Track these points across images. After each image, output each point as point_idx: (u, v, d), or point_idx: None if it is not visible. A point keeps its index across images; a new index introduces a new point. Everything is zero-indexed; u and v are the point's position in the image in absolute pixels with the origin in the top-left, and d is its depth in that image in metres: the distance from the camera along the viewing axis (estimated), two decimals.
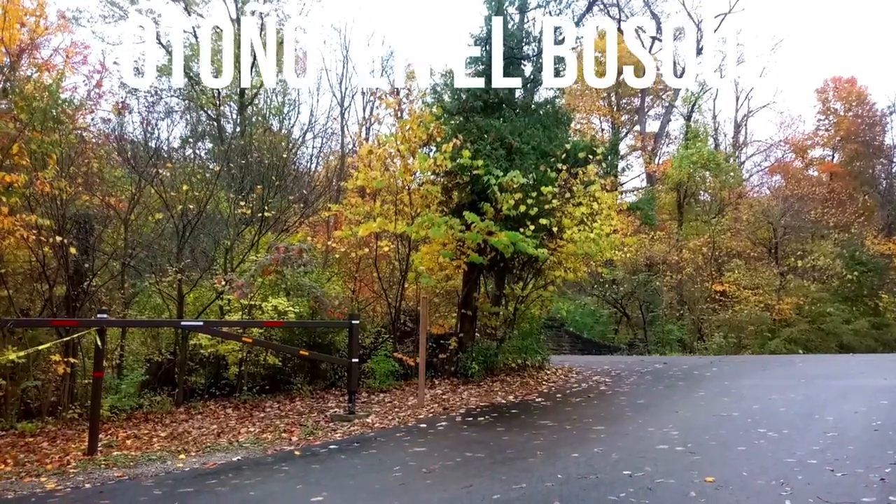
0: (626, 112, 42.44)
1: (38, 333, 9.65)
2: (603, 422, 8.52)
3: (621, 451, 6.66)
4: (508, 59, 13.58)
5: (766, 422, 7.88)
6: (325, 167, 28.40)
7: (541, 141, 12.79)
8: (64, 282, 10.19)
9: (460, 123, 12.93)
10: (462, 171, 11.95)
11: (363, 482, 6.05)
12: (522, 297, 13.83)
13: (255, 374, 11.72)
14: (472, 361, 12.38)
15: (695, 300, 26.17)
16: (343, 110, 30.74)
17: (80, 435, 8.45)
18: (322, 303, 12.04)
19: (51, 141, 9.59)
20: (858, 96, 38.87)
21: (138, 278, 11.81)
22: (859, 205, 32.91)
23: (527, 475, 5.85)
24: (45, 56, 11.92)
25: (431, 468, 6.34)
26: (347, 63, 32.59)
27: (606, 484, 5.43)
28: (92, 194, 10.80)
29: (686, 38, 39.32)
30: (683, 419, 8.53)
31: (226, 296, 11.45)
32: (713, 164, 29.35)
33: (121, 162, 12.27)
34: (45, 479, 6.45)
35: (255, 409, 10.56)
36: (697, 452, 6.49)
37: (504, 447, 7.16)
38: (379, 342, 13.08)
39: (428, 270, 12.75)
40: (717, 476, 5.50)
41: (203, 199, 11.92)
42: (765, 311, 24.05)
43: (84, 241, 10.42)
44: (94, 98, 11.46)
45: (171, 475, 6.59)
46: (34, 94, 9.59)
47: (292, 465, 6.81)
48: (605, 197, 13.02)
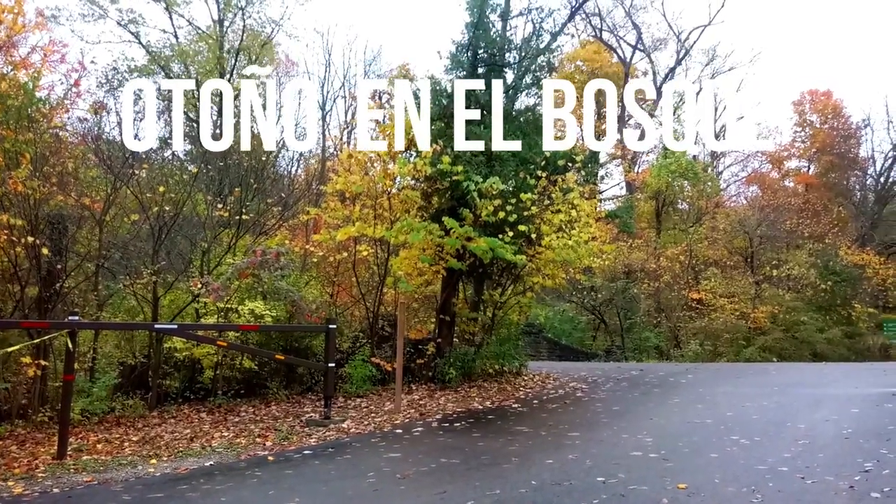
0: (605, 121, 42.77)
1: (9, 335, 9.49)
2: (578, 428, 8.55)
3: (595, 458, 6.69)
4: (489, 66, 13.65)
5: (739, 429, 7.96)
6: (306, 170, 28.31)
7: (521, 148, 12.84)
8: (36, 283, 10.04)
9: (441, 129, 12.94)
10: (442, 176, 11.96)
11: (336, 488, 6.01)
12: (501, 303, 13.86)
13: (231, 378, 11.61)
14: (450, 367, 12.37)
15: (672, 308, 26.39)
16: (324, 114, 30.72)
17: (50, 439, 8.31)
18: (299, 307, 11.96)
19: (25, 140, 9.47)
20: (834, 109, 39.52)
21: (112, 280, 11.66)
22: (834, 215, 33.41)
23: (501, 481, 5.85)
24: (22, 54, 11.78)
25: (406, 474, 6.32)
26: (330, 67, 32.42)
27: (580, 490, 5.45)
28: (66, 194, 10.64)
29: (667, 48, 39.85)
30: (658, 426, 8.58)
31: (202, 299, 11.33)
32: (691, 173, 29.67)
33: (97, 162, 12.11)
34: (13, 484, 6.33)
35: (230, 414, 10.46)
36: (671, 459, 6.54)
37: (479, 453, 7.15)
38: (356, 347, 13.02)
39: (407, 275, 12.72)
40: (689, 483, 5.54)
41: (180, 200, 11.81)
42: (740, 320, 24.32)
43: (57, 242, 10.27)
44: (72, 97, 11.34)
45: (141, 480, 6.50)
46: (9, 92, 9.45)
47: (265, 471, 6.75)
48: (584, 204, 13.11)
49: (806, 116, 40.47)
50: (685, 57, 38.11)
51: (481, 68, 13.70)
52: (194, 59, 26.00)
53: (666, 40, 39.30)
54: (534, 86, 14.77)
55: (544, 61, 14.57)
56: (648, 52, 39.10)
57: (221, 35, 26.29)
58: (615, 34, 39.45)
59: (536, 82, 14.73)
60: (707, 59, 38.67)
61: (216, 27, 26.56)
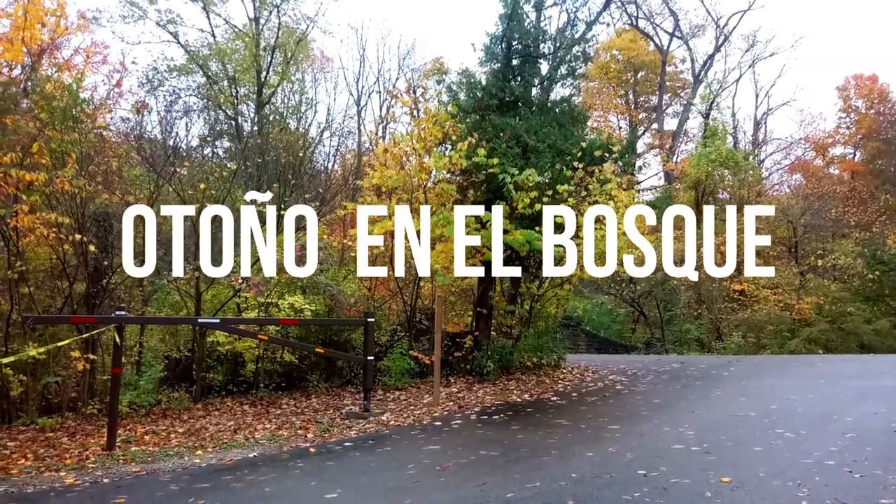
0: (643, 110, 42.20)
1: (59, 330, 9.78)
2: (618, 421, 8.48)
3: (636, 451, 6.63)
4: (524, 57, 13.56)
5: (784, 422, 7.81)
6: (342, 165, 28.54)
7: (556, 139, 12.74)
8: (84, 279, 10.31)
9: (476, 122, 12.92)
10: (477, 169, 11.94)
11: (377, 480, 6.07)
12: (538, 296, 13.79)
13: (272, 371, 11.80)
14: (488, 360, 12.38)
15: (713, 299, 25.96)
16: (360, 109, 30.92)
17: (99, 430, 8.55)
18: (338, 301, 12.09)
19: (70, 140, 9.70)
20: (880, 94, 38.36)
21: (157, 276, 11.92)
22: (881, 203, 32.48)
23: (541, 474, 5.84)
24: (65, 56, 12.10)
25: (445, 466, 6.35)
26: (364, 62, 32.53)
27: (621, 483, 5.41)
28: (111, 192, 10.91)
29: (705, 35, 39.06)
30: (700, 419, 8.46)
31: (243, 293, 11.53)
32: (732, 162, 29.08)
33: (139, 160, 12.40)
34: (65, 474, 6.54)
35: (272, 406, 10.63)
36: (713, 452, 6.44)
37: (518, 445, 7.15)
38: (395, 340, 13.11)
39: (443, 269, 12.75)
40: (733, 476, 5.46)
41: (220, 197, 12.02)
42: (784, 311, 23.83)
43: (103, 239, 10.53)
44: (114, 97, 11.61)
45: (187, 471, 6.65)
46: (54, 94, 9.71)
47: (307, 462, 6.85)
48: (622, 195, 12.95)
49: (851, 102, 39.36)
50: (724, 43, 37.31)
51: (515, 60, 13.62)
52: (231, 57, 26.36)
53: (704, 27, 38.56)
54: (569, 76, 14.65)
55: (579, 51, 14.42)
56: (686, 39, 38.40)
57: (257, 33, 26.60)
58: (652, 21, 38.85)
59: (572, 73, 14.61)
60: (747, 44, 37.81)
61: (252, 25, 26.88)
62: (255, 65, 26.04)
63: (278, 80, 27.15)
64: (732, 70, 37.97)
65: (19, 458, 7.32)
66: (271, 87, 26.98)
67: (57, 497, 5.72)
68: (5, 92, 8.96)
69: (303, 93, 29.64)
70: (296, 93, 29.33)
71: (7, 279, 9.30)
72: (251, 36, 26.30)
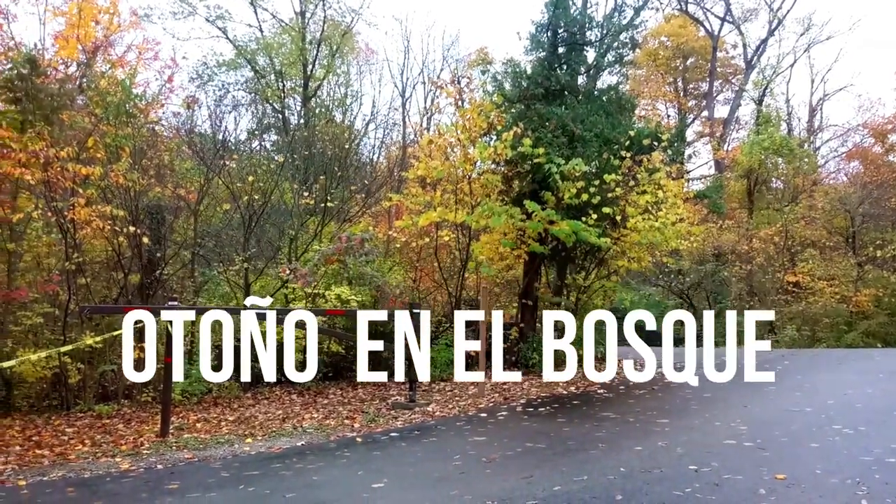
0: (693, 97, 41.21)
1: (115, 320, 10.06)
2: (667, 415, 8.33)
3: (686, 445, 6.49)
4: (570, 45, 13.37)
5: (842, 418, 7.55)
6: (387, 157, 28.67)
7: (604, 128, 12.53)
8: (138, 270, 10.59)
9: (521, 111, 12.80)
10: (523, 159, 11.83)
11: (423, 470, 6.08)
12: (585, 288, 13.64)
13: (319, 361, 11.91)
14: (533, 351, 12.29)
15: (766, 291, 25.28)
16: (404, 101, 30.97)
17: (153, 417, 8.79)
18: (383, 292, 12.16)
19: (124, 134, 9.96)
20: None
21: (207, 267, 12.18)
22: None
23: (588, 467, 5.76)
24: (118, 53, 12.40)
25: (491, 458, 6.32)
26: (409, 54, 32.60)
27: (671, 478, 5.30)
28: (163, 186, 11.17)
29: (757, 19, 37.92)
30: (752, 414, 8.25)
31: (290, 284, 11.68)
32: (786, 149, 28.18)
33: (190, 154, 12.65)
34: (120, 460, 6.73)
35: (319, 396, 10.76)
36: (767, 448, 6.26)
37: (565, 438, 7.07)
38: (440, 331, 13.13)
39: (488, 260, 12.70)
40: (788, 473, 5.29)
41: (268, 189, 12.20)
42: (841, 303, 23.06)
43: (156, 231, 10.80)
44: (165, 93, 11.86)
45: (238, 458, 6.77)
46: (108, 90, 9.97)
47: (354, 452, 6.91)
48: (671, 185, 12.68)
49: None
50: (778, 27, 36.08)
51: (561, 48, 13.45)
52: (278, 51, 26.67)
53: (757, 10, 37.35)
54: (616, 64, 14.39)
55: (627, 38, 14.15)
56: (738, 23, 37.26)
57: (303, 26, 26.84)
58: (702, 6, 37.80)
59: (619, 60, 14.35)
60: (802, 28, 36.45)
61: (298, 19, 27.13)
62: (301, 58, 26.29)
63: (324, 73, 27.36)
64: (787, 55, 36.75)
65: (77, 443, 7.57)
66: (317, 81, 27.21)
67: (113, 482, 5.88)
68: (62, 89, 9.23)
69: (348, 85, 29.85)
70: (341, 85, 29.55)
71: (65, 270, 9.60)
72: (297, 30, 26.55)
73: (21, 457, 6.94)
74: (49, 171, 9.05)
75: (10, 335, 9.04)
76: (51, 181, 9.23)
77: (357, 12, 27.67)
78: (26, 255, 9.88)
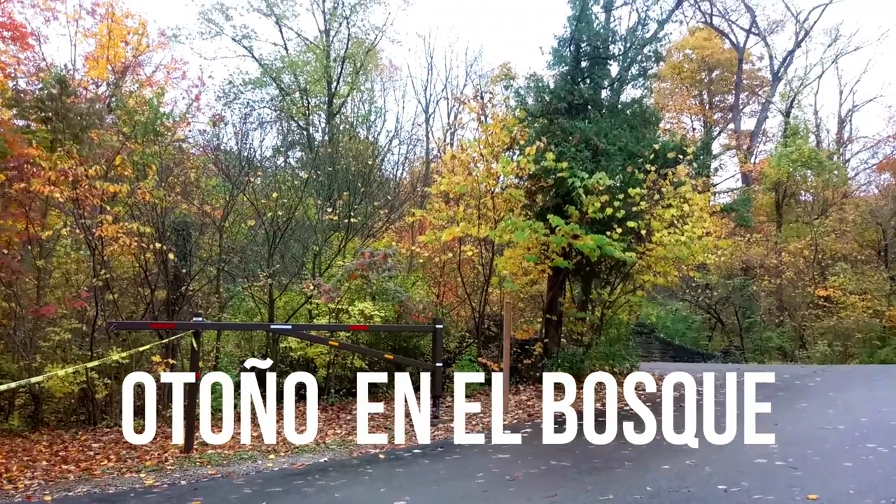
0: (718, 110, 40.88)
1: (141, 335, 10.17)
2: None
3: (715, 464, 6.34)
4: (593, 59, 13.33)
5: (876, 436, 7.33)
6: (410, 173, 28.77)
7: (628, 141, 12.44)
8: (164, 286, 10.70)
9: (544, 126, 12.76)
10: (546, 173, 11.77)
11: (446, 488, 6.01)
12: (610, 302, 13.48)
13: (342, 376, 11.93)
14: (558, 368, 12.15)
15: (796, 306, 24.81)
16: (428, 116, 31.10)
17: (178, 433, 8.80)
18: (406, 307, 12.13)
19: (151, 152, 10.11)
20: None
21: (232, 283, 12.27)
22: None
23: (614, 486, 5.65)
24: (147, 73, 12.64)
25: (515, 476, 6.23)
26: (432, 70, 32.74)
27: (699, 498, 5.17)
28: (189, 203, 11.30)
29: (784, 30, 37.53)
30: (784, 432, 8.04)
31: (314, 300, 11.72)
32: (815, 161, 27.76)
33: (216, 171, 12.80)
34: (145, 476, 6.76)
35: (342, 412, 10.74)
36: (799, 467, 6.10)
37: (590, 456, 6.96)
38: (463, 347, 13.07)
39: (512, 275, 12.63)
40: (820, 493, 5.14)
41: (292, 205, 12.27)
42: (874, 318, 22.52)
43: (182, 248, 10.91)
44: (193, 111, 12.06)
45: (261, 474, 6.77)
46: (136, 109, 10.14)
47: (377, 469, 6.86)
48: (697, 198, 12.52)
49: None
50: (805, 38, 35.70)
51: (584, 62, 13.40)
52: (303, 69, 27.00)
53: (783, 22, 37.04)
54: (640, 77, 14.30)
55: (651, 51, 14.07)
56: (764, 35, 36.96)
57: (328, 44, 27.16)
58: (727, 18, 37.60)
59: (643, 73, 14.26)
60: (830, 39, 36.00)
61: (322, 37, 27.47)
62: (325, 76, 26.58)
63: (348, 90, 27.63)
64: (814, 66, 36.29)
65: (102, 458, 7.63)
66: (341, 97, 27.48)
67: (137, 498, 5.90)
68: (91, 108, 9.42)
69: (372, 102, 30.08)
70: (365, 102, 29.79)
71: (93, 286, 9.74)
72: (322, 48, 26.87)
73: (48, 472, 7.00)
74: (78, 188, 9.21)
75: (39, 351, 9.17)
76: (79, 199, 9.39)
77: (381, 30, 27.97)
78: (55, 271, 10.05)
